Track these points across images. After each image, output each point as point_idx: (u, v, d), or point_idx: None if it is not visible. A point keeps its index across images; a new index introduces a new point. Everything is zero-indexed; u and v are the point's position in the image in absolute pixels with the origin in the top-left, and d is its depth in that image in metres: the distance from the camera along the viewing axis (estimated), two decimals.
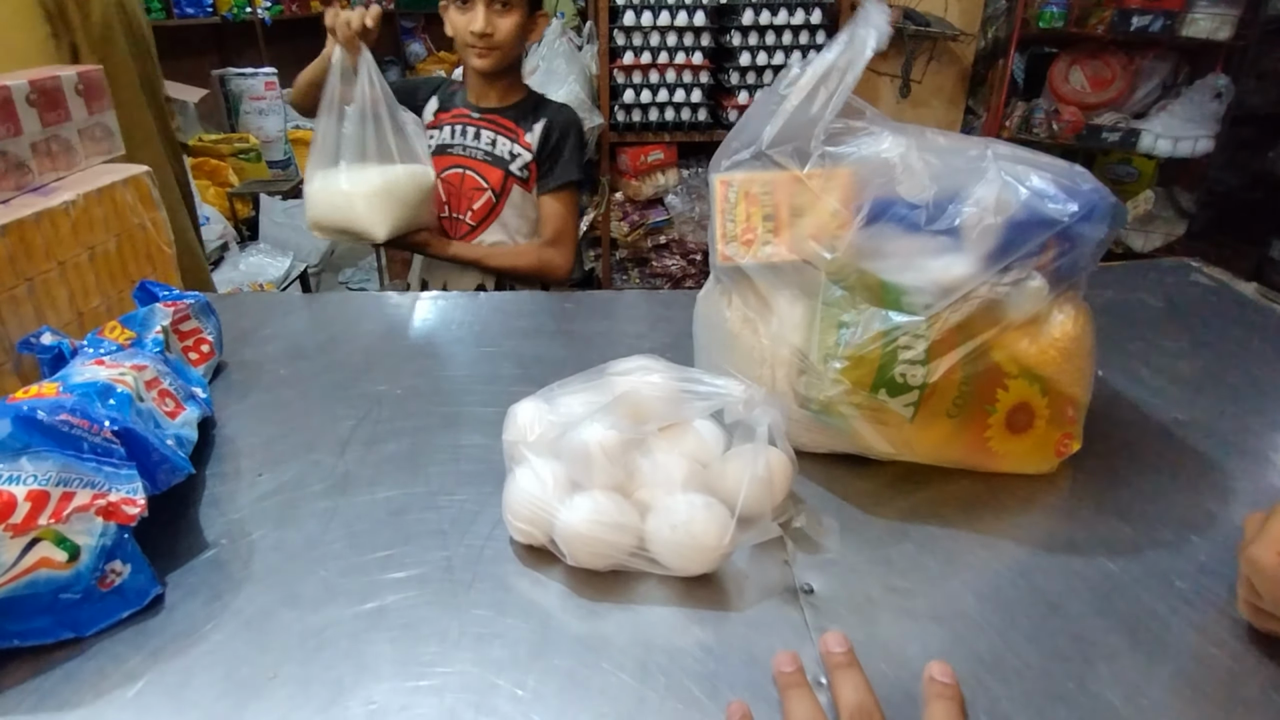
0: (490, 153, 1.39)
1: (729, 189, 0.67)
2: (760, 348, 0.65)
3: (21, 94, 0.84)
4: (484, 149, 1.40)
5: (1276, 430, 0.71)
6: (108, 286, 0.91)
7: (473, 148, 1.40)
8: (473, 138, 1.40)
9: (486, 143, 1.39)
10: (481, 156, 1.39)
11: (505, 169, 1.39)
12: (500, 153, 1.39)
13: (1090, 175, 0.58)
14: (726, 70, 2.40)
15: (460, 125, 1.40)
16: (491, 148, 1.39)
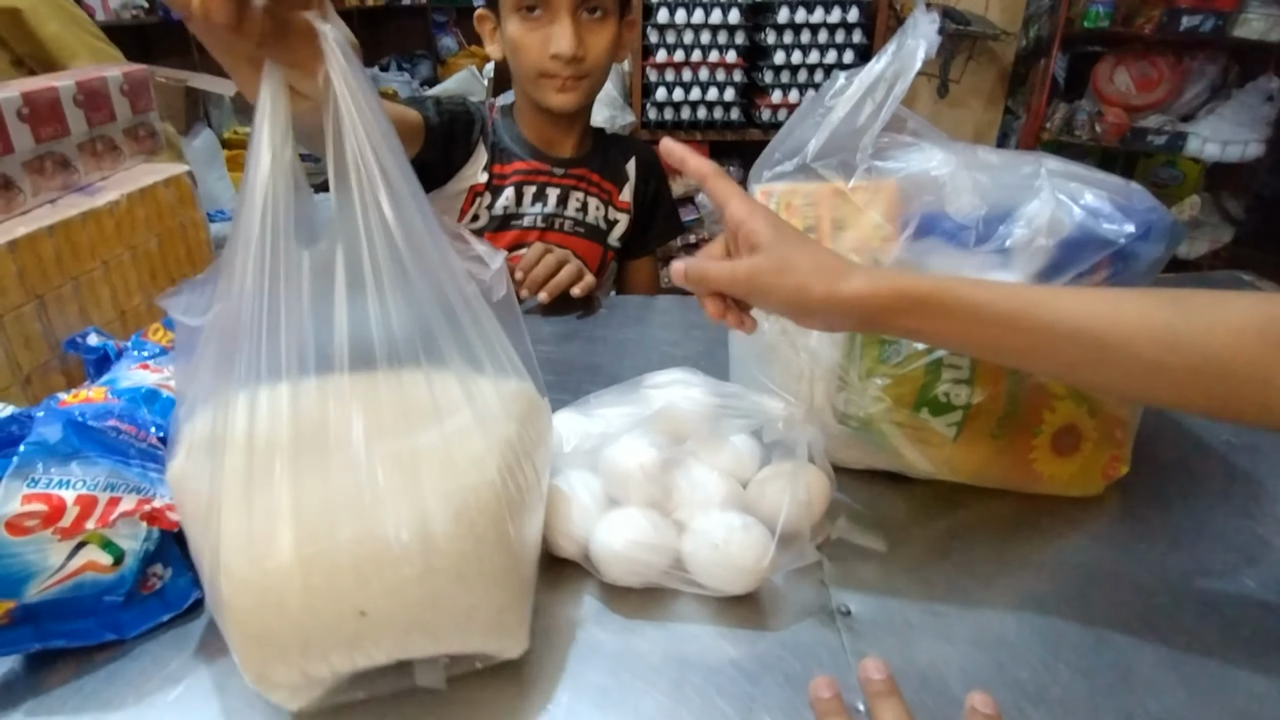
0: (583, 221, 1.04)
1: (770, 199, 0.66)
2: (798, 361, 0.64)
3: (69, 95, 0.85)
4: (573, 217, 1.03)
5: None
6: (149, 284, 0.92)
7: (559, 217, 1.03)
8: (556, 203, 1.03)
9: (575, 208, 1.03)
10: (571, 229, 1.03)
11: (604, 243, 1.05)
12: (595, 221, 1.05)
13: (1147, 193, 0.57)
14: (760, 69, 2.37)
15: (536, 185, 1.02)
16: (583, 215, 1.04)
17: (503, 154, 1.02)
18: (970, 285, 0.48)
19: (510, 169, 1.01)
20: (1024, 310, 0.47)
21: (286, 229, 0.39)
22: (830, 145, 0.64)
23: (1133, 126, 2.35)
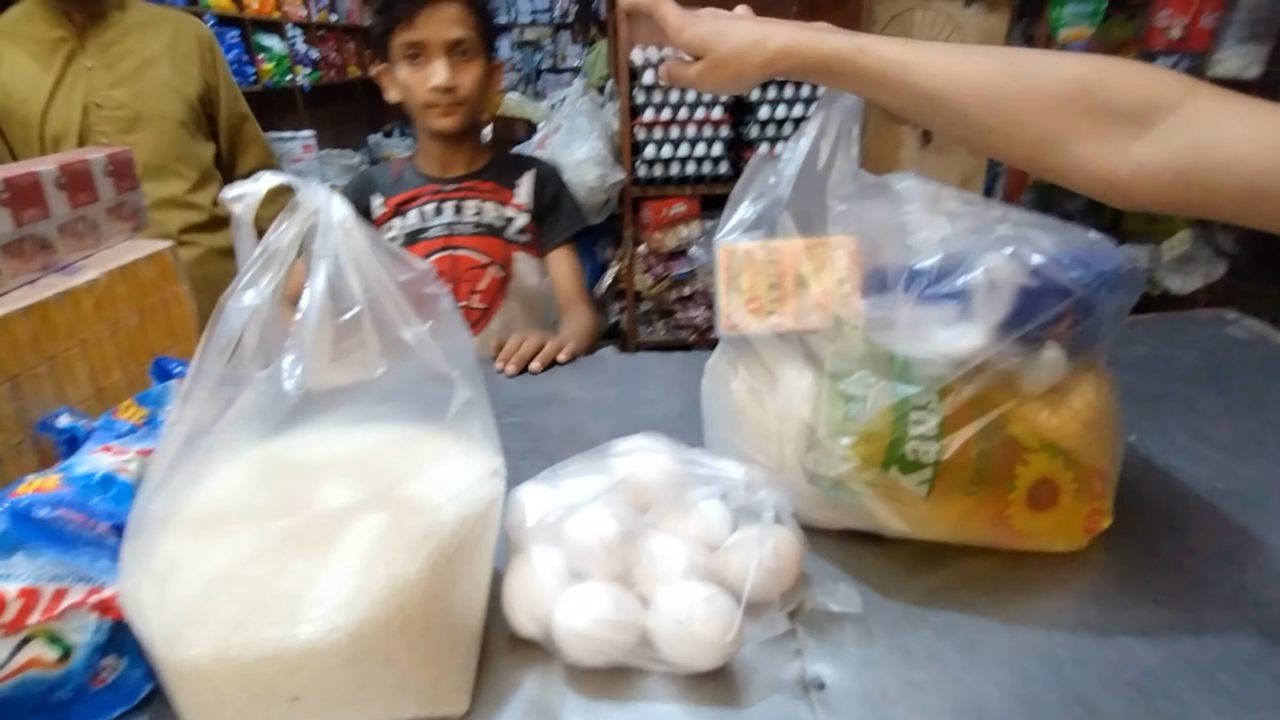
0: (480, 223, 1.25)
1: (732, 258, 0.66)
2: (767, 422, 0.63)
3: (50, 179, 0.87)
4: (471, 221, 1.25)
5: None
6: (128, 360, 0.92)
7: (457, 224, 1.24)
8: (453, 212, 1.25)
9: (473, 213, 1.25)
10: (471, 230, 1.24)
11: (502, 236, 1.26)
12: (491, 220, 1.25)
13: (1107, 241, 0.56)
14: (746, 123, 2.42)
15: (433, 203, 1.25)
16: (479, 216, 1.25)
17: (398, 188, 1.28)
18: (860, 51, 0.58)
19: (411, 196, 1.26)
20: (899, 75, 0.56)
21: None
22: (789, 198, 0.65)
23: None
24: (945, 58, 0.55)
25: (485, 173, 1.27)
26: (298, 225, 0.43)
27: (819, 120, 0.64)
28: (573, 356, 1.04)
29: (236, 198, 0.43)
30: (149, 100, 1.48)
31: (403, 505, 0.46)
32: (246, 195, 0.43)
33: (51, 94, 1.41)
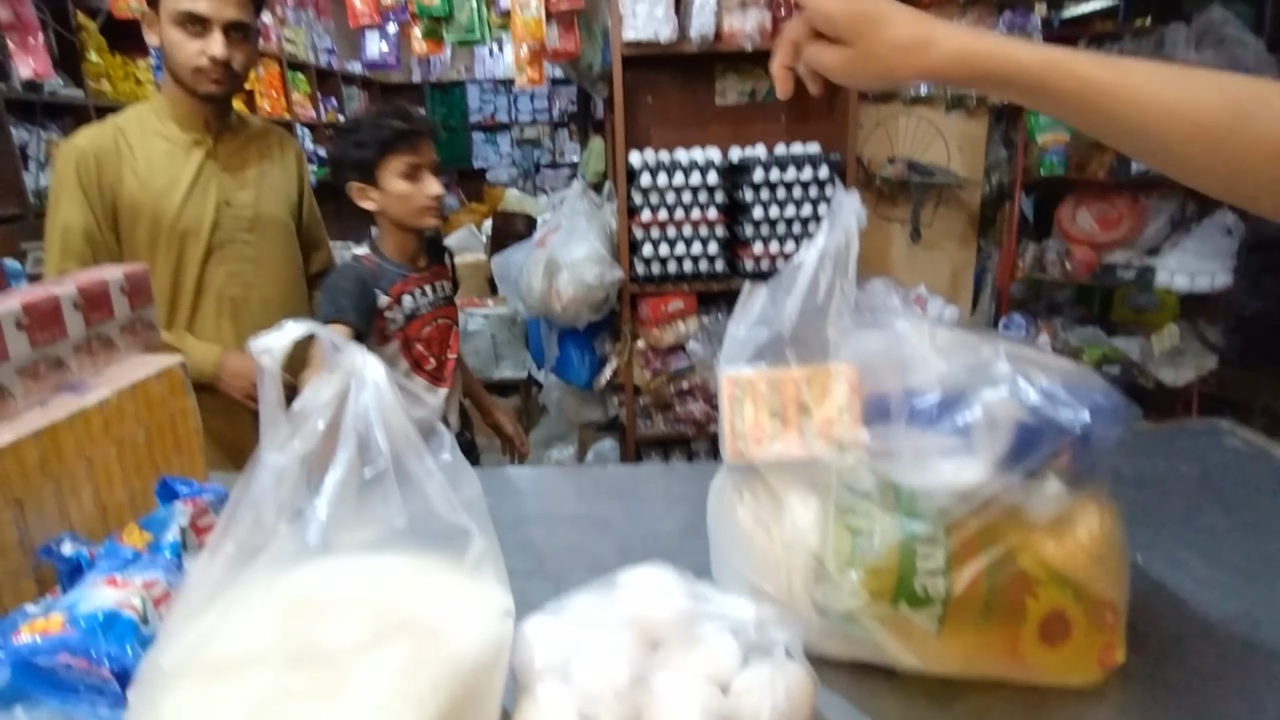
0: (443, 296, 1.60)
1: (735, 386, 0.67)
2: (774, 551, 0.63)
3: (69, 300, 0.89)
4: (441, 296, 1.59)
5: None
6: (133, 477, 0.92)
7: (435, 300, 1.57)
8: (431, 292, 1.57)
9: (439, 290, 1.59)
10: (443, 303, 1.60)
11: (453, 302, 1.63)
12: (447, 292, 1.62)
13: (1097, 376, 0.58)
14: (741, 222, 2.49)
15: (419, 288, 1.54)
16: (442, 291, 1.60)
17: (392, 280, 1.49)
18: (1052, 67, 0.51)
19: (401, 286, 1.49)
20: (1099, 101, 0.50)
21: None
22: (791, 327, 0.67)
23: (1101, 263, 2.44)
24: (1155, 85, 0.49)
25: (431, 258, 1.60)
26: (335, 386, 0.44)
27: (818, 249, 0.67)
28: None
29: (264, 350, 0.45)
30: (266, 203, 1.60)
31: (415, 649, 0.46)
32: (274, 348, 0.45)
33: (189, 191, 1.50)
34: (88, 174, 1.42)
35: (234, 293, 1.55)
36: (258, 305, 1.58)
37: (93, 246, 1.44)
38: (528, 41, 2.35)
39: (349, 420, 0.45)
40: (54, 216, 1.43)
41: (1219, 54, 2.30)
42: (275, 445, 0.45)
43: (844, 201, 0.66)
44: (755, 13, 2.34)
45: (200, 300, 1.53)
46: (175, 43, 1.42)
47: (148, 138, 1.49)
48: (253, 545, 0.44)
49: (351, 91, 6.96)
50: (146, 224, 1.48)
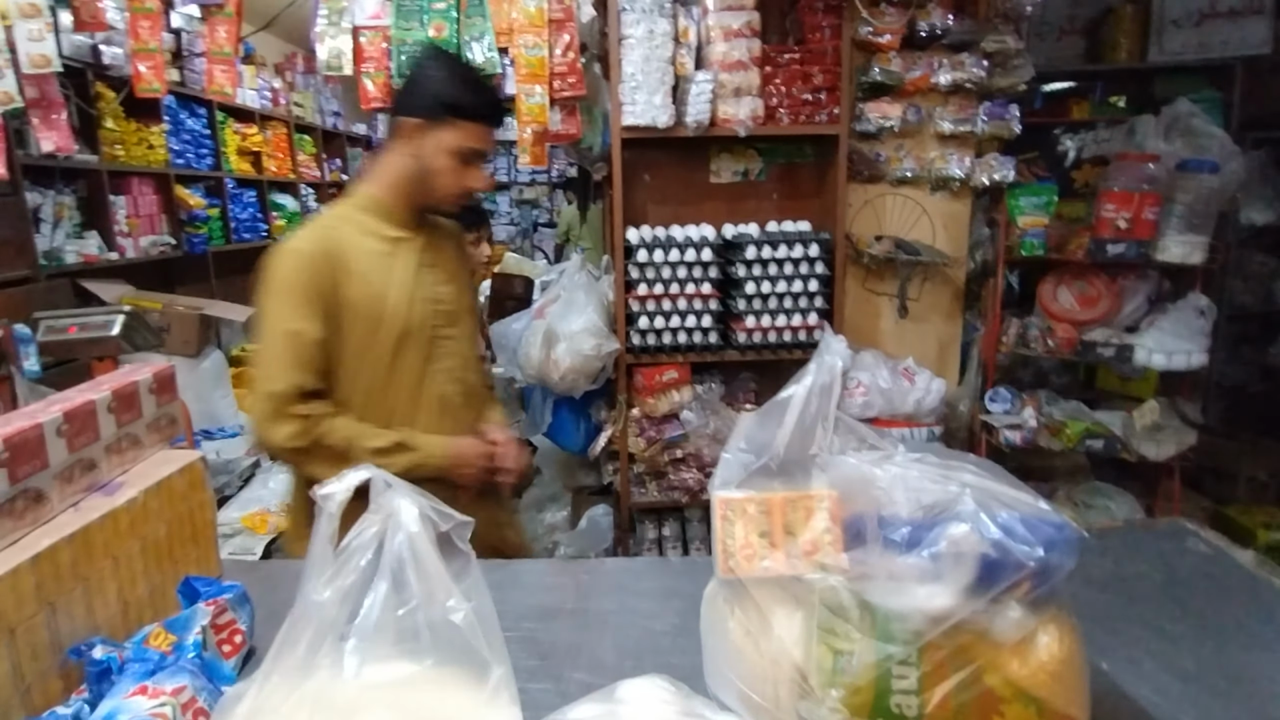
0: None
1: (727, 507, 0.73)
2: (763, 664, 0.69)
3: (104, 404, 0.95)
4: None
5: None
6: (153, 572, 0.97)
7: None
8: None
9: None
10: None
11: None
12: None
13: (1054, 512, 0.64)
14: (734, 297, 2.58)
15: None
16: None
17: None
18: None
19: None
20: None
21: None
22: (780, 452, 0.73)
23: (1082, 339, 2.53)
24: None
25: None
26: (376, 526, 0.50)
27: (806, 384, 0.74)
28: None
29: (328, 495, 0.51)
30: (462, 295, 1.61)
31: None
32: (337, 494, 0.51)
33: (407, 290, 1.47)
34: (315, 278, 1.38)
35: (448, 389, 1.53)
36: (464, 398, 1.57)
37: (325, 353, 1.40)
38: (532, 125, 2.47)
39: (385, 559, 0.51)
40: (277, 322, 1.37)
41: (1187, 143, 2.44)
42: (321, 582, 0.50)
43: (830, 343, 0.73)
44: (749, 100, 2.47)
45: (420, 397, 1.50)
46: (444, 170, 1.45)
47: (361, 237, 1.45)
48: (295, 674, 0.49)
49: (355, 153, 7.16)
50: (365, 325, 1.43)
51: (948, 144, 2.66)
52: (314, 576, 0.54)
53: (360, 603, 0.53)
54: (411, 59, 2.49)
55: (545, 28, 2.43)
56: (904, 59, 2.54)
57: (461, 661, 0.52)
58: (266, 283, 1.40)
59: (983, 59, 2.52)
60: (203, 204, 4.63)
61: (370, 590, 0.51)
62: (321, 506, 0.55)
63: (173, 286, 4.56)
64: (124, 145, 3.97)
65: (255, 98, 5.29)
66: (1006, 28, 2.53)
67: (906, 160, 2.68)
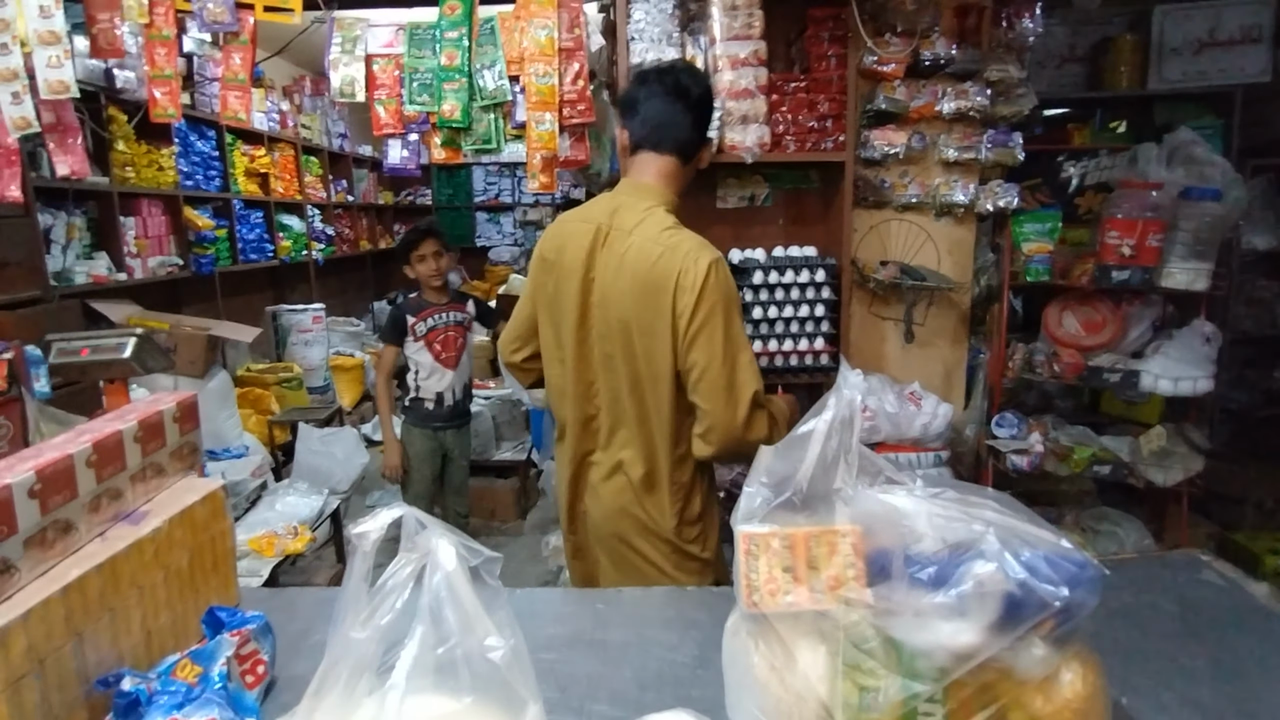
0: (456, 320, 3.17)
1: (750, 543, 0.74)
2: (788, 700, 0.69)
3: (131, 435, 0.96)
4: (453, 320, 3.16)
5: None
6: (176, 601, 0.97)
7: (449, 320, 3.15)
8: (446, 315, 3.14)
9: (453, 315, 3.17)
10: (455, 324, 3.16)
11: (461, 324, 3.20)
12: (458, 318, 3.18)
13: (1077, 551, 0.65)
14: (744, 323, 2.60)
15: (438, 313, 3.13)
16: (454, 317, 3.17)
17: (420, 309, 3.14)
18: None
19: (427, 312, 3.14)
20: None
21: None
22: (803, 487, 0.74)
23: (1088, 365, 2.54)
24: None
25: (453, 298, 3.21)
26: (412, 565, 0.51)
27: (827, 419, 0.75)
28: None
29: (362, 534, 0.52)
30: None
31: None
32: (371, 533, 0.52)
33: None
34: None
35: None
36: None
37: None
38: (541, 151, 2.51)
39: (424, 598, 0.52)
40: (741, 330, 1.55)
41: (1189, 172, 2.46)
42: (358, 622, 0.51)
43: (848, 376, 0.75)
44: (755, 128, 2.50)
45: None
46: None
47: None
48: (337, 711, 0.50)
49: (361, 174, 7.22)
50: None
51: (952, 171, 2.69)
52: (350, 614, 0.55)
53: (399, 640, 0.54)
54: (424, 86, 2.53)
55: (555, 56, 2.48)
56: (908, 87, 2.58)
57: (499, 699, 0.53)
58: (726, 293, 1.49)
59: (986, 88, 2.56)
60: (211, 225, 4.67)
61: (410, 628, 0.52)
62: (356, 545, 0.56)
63: (180, 307, 4.59)
64: (134, 167, 4.01)
65: (263, 120, 5.35)
66: (1009, 57, 2.57)
67: (911, 186, 2.71)
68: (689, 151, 1.64)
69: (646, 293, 1.48)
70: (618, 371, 1.56)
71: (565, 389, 1.63)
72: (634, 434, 1.56)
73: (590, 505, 1.65)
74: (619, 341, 1.54)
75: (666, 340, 1.47)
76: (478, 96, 2.54)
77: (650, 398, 1.53)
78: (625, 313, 1.51)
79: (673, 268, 1.46)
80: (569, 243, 1.60)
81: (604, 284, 1.55)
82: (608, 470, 1.60)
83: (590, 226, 1.59)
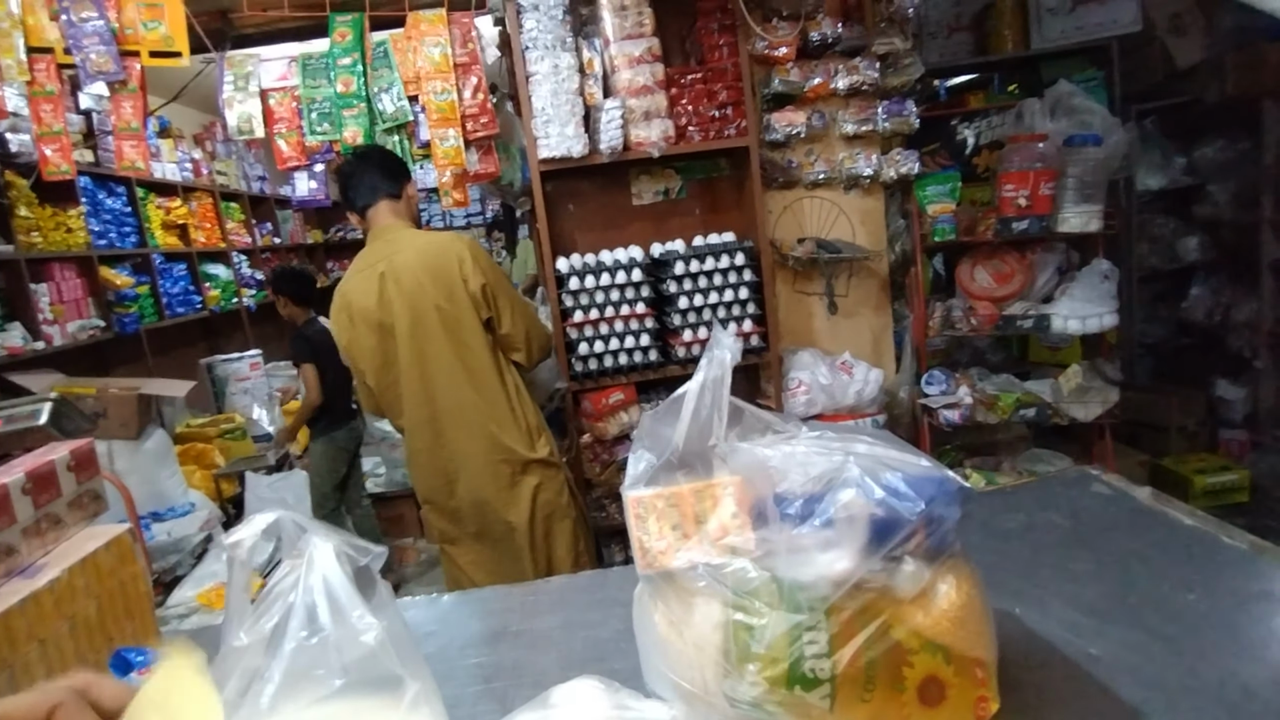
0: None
1: (639, 506, 0.76)
2: (688, 651, 0.71)
3: (18, 487, 0.94)
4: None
5: (1179, 658, 0.76)
6: (86, 651, 0.95)
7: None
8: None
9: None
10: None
11: None
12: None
13: (936, 468, 0.68)
14: (669, 313, 2.63)
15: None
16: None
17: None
18: None
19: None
20: None
21: None
22: (682, 446, 0.77)
23: (1002, 315, 2.64)
24: None
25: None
26: (296, 571, 0.52)
27: (699, 380, 0.77)
28: None
29: (236, 543, 0.53)
30: None
31: None
32: (246, 540, 0.52)
33: None
34: None
35: None
36: None
37: None
38: (450, 168, 2.51)
39: (299, 598, 0.53)
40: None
41: (1071, 121, 2.58)
42: (241, 630, 0.51)
43: (721, 338, 0.77)
44: (659, 123, 2.54)
45: None
46: None
47: None
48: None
49: (286, 214, 7.08)
50: None
51: (854, 144, 2.77)
52: (233, 625, 0.55)
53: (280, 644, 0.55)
54: (324, 115, 2.51)
55: (452, 72, 2.48)
56: (801, 69, 2.65)
57: (376, 683, 0.54)
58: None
59: (875, 61, 2.64)
60: (130, 282, 4.53)
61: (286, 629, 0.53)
62: (232, 555, 0.57)
63: (108, 369, 4.44)
64: (41, 231, 3.87)
65: (176, 170, 5.22)
66: (893, 30, 2.66)
67: (817, 164, 2.78)
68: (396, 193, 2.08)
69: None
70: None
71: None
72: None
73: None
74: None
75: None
76: (379, 120, 2.53)
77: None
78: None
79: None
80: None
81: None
82: None
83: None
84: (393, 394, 2.04)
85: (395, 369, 2.00)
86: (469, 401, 2.00)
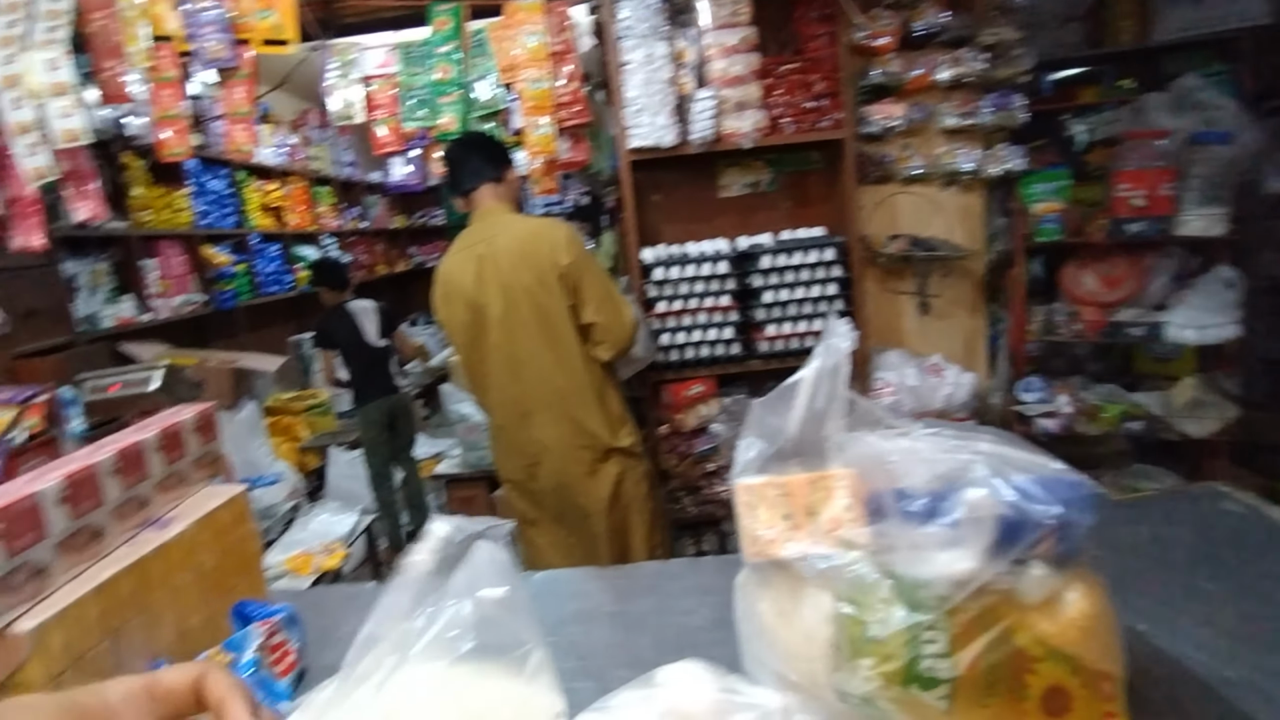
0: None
1: (748, 494, 0.75)
2: (796, 642, 0.70)
3: (152, 445, 1.00)
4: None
5: None
6: (207, 601, 1.01)
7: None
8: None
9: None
10: None
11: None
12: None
13: (1069, 470, 0.65)
14: (753, 307, 2.61)
15: None
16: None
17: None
18: None
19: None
20: None
21: None
22: (795, 435, 0.75)
23: (1110, 321, 2.50)
24: None
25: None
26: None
27: (814, 367, 0.76)
28: None
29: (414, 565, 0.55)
30: None
31: None
32: (422, 564, 0.55)
33: None
34: None
35: None
36: None
37: None
38: (541, 155, 2.54)
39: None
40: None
41: (1197, 117, 2.42)
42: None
43: (835, 326, 0.75)
44: (752, 113, 2.51)
45: None
46: None
47: None
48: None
49: (373, 199, 7.33)
50: None
51: (954, 139, 2.67)
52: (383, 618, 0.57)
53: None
54: (422, 102, 2.58)
55: (547, 61, 2.51)
56: (903, 59, 2.57)
57: (498, 648, 0.55)
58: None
59: (982, 52, 2.54)
60: (229, 260, 4.78)
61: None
62: (404, 569, 0.59)
63: (206, 342, 4.70)
64: (152, 210, 4.12)
65: (273, 155, 5.47)
66: (1003, 19, 2.55)
67: (914, 158, 2.70)
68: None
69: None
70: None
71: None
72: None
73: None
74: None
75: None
76: (474, 107, 2.58)
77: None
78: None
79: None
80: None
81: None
82: None
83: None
84: (480, 371, 2.09)
85: (484, 347, 2.05)
86: (555, 386, 2.02)
